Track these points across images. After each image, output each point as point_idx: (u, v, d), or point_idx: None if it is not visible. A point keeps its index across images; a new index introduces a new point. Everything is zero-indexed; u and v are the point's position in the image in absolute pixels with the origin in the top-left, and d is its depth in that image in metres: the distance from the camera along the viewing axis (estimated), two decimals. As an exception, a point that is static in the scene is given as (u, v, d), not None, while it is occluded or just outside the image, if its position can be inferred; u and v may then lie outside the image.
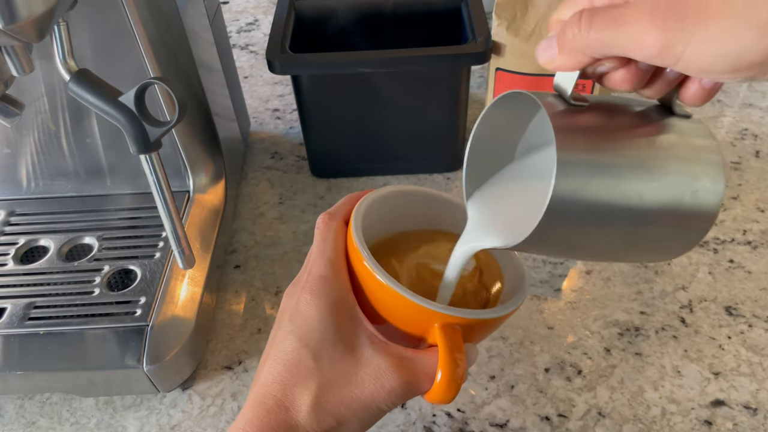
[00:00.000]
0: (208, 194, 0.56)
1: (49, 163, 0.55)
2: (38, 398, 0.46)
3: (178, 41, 0.49)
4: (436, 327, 0.32)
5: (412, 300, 0.31)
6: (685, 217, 0.28)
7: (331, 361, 0.31)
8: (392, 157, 0.63)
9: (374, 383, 0.31)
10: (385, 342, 0.32)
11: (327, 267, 0.33)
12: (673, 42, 0.23)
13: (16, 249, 0.51)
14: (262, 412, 0.30)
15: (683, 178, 0.28)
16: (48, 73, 0.49)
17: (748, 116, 0.70)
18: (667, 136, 0.28)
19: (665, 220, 0.28)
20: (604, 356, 0.47)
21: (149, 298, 0.47)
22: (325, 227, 0.35)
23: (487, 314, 0.33)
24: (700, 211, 0.28)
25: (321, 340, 0.31)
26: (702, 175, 0.28)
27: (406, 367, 0.31)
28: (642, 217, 0.27)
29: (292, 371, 0.31)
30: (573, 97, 0.28)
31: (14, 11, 0.30)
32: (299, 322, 0.32)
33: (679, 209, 0.28)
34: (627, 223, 0.28)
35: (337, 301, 0.32)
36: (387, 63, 0.55)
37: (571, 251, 0.32)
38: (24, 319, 0.46)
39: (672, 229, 0.29)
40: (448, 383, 0.31)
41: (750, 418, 0.43)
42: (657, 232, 0.29)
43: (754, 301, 0.51)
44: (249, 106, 0.74)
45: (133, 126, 0.35)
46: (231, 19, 0.93)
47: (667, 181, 0.27)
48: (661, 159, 0.27)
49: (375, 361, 0.31)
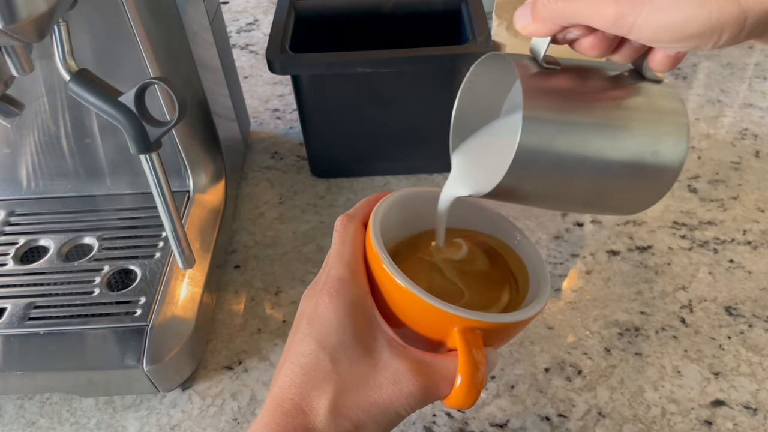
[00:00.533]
0: (208, 194, 0.56)
1: (49, 163, 0.55)
2: (38, 398, 0.46)
3: (178, 41, 0.49)
4: (455, 331, 0.31)
5: (431, 303, 0.31)
6: (646, 174, 0.30)
7: (349, 364, 0.31)
8: (392, 157, 0.63)
9: (392, 387, 0.31)
10: (403, 346, 0.32)
11: (345, 269, 0.33)
12: (624, 12, 0.25)
13: (16, 249, 0.51)
14: (279, 415, 0.30)
15: (644, 138, 0.30)
16: (48, 73, 0.49)
17: (748, 116, 0.70)
18: (634, 99, 0.30)
19: (626, 175, 0.30)
20: (604, 356, 0.47)
21: (149, 298, 0.47)
22: (344, 229, 0.35)
23: (507, 318, 0.33)
24: (661, 168, 0.30)
25: (339, 343, 0.31)
26: (664, 136, 0.30)
27: (424, 371, 0.31)
28: (603, 171, 0.29)
29: (310, 374, 0.31)
30: (545, 60, 0.29)
31: (14, 11, 0.30)
32: (317, 324, 0.32)
33: (639, 167, 0.30)
34: (590, 177, 0.30)
35: (355, 303, 0.32)
36: (387, 63, 0.55)
37: (540, 201, 0.33)
38: (24, 319, 0.46)
39: (634, 183, 0.31)
40: (468, 388, 0.31)
41: (750, 418, 0.43)
42: (620, 185, 0.31)
43: (754, 301, 0.51)
44: (249, 106, 0.74)
45: (133, 126, 0.35)
46: (231, 19, 0.93)
47: (628, 141, 0.29)
48: (624, 119, 0.29)
49: (393, 365, 0.31)
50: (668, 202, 0.60)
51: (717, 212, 0.59)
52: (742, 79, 0.76)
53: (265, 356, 0.48)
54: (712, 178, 0.62)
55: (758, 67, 0.78)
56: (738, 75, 0.77)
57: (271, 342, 0.49)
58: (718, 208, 0.59)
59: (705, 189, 0.61)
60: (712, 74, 0.77)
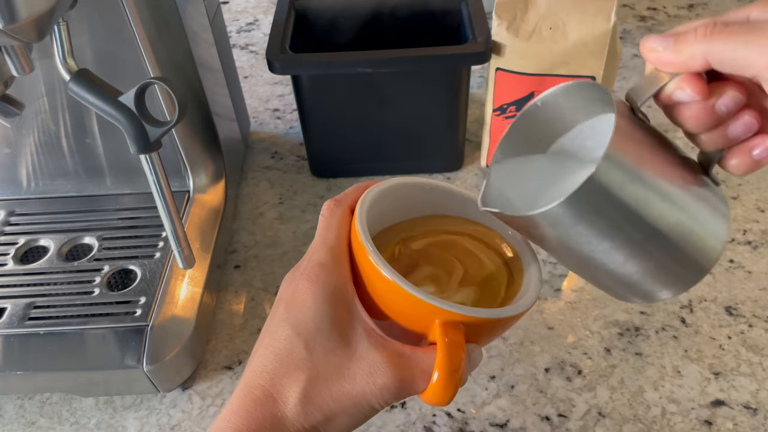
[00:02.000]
0: (208, 194, 0.56)
1: (49, 163, 0.55)
2: (38, 398, 0.46)
3: (178, 41, 0.49)
4: (436, 323, 0.31)
5: (414, 294, 0.30)
6: (688, 251, 0.30)
7: (324, 352, 0.30)
8: (392, 157, 0.63)
9: (366, 379, 0.30)
10: (382, 337, 0.31)
11: (327, 254, 0.32)
12: None
13: (16, 249, 0.51)
14: (248, 402, 0.30)
15: (697, 220, 0.29)
16: (48, 73, 0.49)
17: (748, 116, 0.70)
18: (698, 186, 0.30)
19: (668, 248, 0.29)
20: (604, 356, 0.47)
21: (149, 298, 0.47)
22: (330, 214, 0.34)
23: (491, 314, 0.32)
24: (703, 249, 0.30)
25: (315, 330, 0.30)
26: (713, 226, 0.30)
27: (401, 364, 0.30)
28: (651, 236, 0.29)
29: (283, 361, 0.30)
30: (641, 110, 0.28)
31: (14, 11, 0.30)
32: (294, 310, 0.31)
33: (683, 243, 0.29)
34: (636, 238, 0.29)
35: (335, 290, 0.31)
36: (387, 63, 0.55)
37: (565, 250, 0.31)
38: (24, 319, 0.46)
39: (671, 260, 0.30)
40: (444, 384, 0.30)
41: (750, 418, 0.43)
42: (658, 257, 0.30)
43: (754, 301, 0.51)
44: (249, 106, 0.74)
45: (133, 126, 0.35)
46: (231, 19, 0.93)
47: (686, 216, 0.29)
48: (686, 197, 0.29)
49: (370, 356, 0.30)
50: (668, 202, 0.60)
51: (717, 212, 0.59)
52: (742, 79, 0.76)
53: (265, 356, 0.48)
54: (712, 178, 0.62)
55: (758, 67, 0.78)
56: (738, 75, 0.77)
57: (271, 342, 0.49)
58: (718, 208, 0.59)
59: (705, 189, 0.61)
60: (712, 74, 0.77)
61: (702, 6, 0.88)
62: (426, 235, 0.38)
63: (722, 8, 0.87)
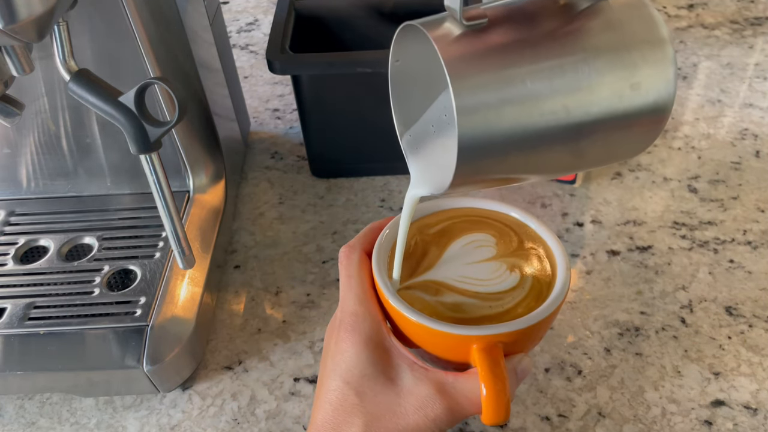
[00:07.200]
0: (208, 194, 0.56)
1: (49, 163, 0.55)
2: (38, 398, 0.46)
3: (178, 41, 0.49)
4: (474, 348, 0.31)
5: (445, 331, 0.31)
6: (629, 118, 0.24)
7: (373, 394, 0.31)
8: (392, 157, 0.63)
9: (418, 413, 0.31)
10: (425, 368, 0.32)
11: (356, 302, 0.34)
12: None
13: (16, 249, 0.51)
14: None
15: (614, 75, 0.23)
16: (48, 73, 0.49)
17: (748, 116, 0.70)
18: (591, 27, 0.23)
19: (606, 127, 0.24)
20: (604, 356, 0.47)
21: (149, 298, 0.47)
22: (347, 261, 0.35)
23: (524, 323, 0.31)
24: (646, 104, 0.24)
25: (360, 376, 0.32)
26: (641, 63, 0.23)
27: (448, 392, 0.31)
28: (577, 130, 0.24)
29: (338, 411, 0.32)
30: (466, 16, 0.23)
31: (14, 11, 0.30)
32: (339, 361, 0.33)
33: (618, 111, 0.24)
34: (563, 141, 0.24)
35: (371, 334, 0.33)
36: (387, 63, 0.55)
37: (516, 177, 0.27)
38: (24, 319, 0.46)
39: (619, 132, 0.25)
40: (494, 405, 0.30)
41: (750, 418, 0.43)
42: (603, 139, 0.25)
43: (754, 301, 0.51)
44: (249, 106, 0.74)
45: (133, 126, 0.35)
46: (231, 19, 0.93)
47: (595, 85, 0.23)
48: (582, 60, 0.23)
49: (416, 390, 0.31)
50: (668, 202, 0.60)
51: (717, 212, 0.59)
52: (742, 79, 0.76)
53: (265, 356, 0.48)
54: (712, 178, 0.62)
55: (758, 67, 0.78)
56: (738, 75, 0.77)
57: (271, 342, 0.49)
58: (718, 208, 0.59)
59: (705, 189, 0.61)
60: (712, 74, 0.77)
61: (702, 6, 0.88)
62: (441, 221, 0.38)
63: (722, 8, 0.87)
